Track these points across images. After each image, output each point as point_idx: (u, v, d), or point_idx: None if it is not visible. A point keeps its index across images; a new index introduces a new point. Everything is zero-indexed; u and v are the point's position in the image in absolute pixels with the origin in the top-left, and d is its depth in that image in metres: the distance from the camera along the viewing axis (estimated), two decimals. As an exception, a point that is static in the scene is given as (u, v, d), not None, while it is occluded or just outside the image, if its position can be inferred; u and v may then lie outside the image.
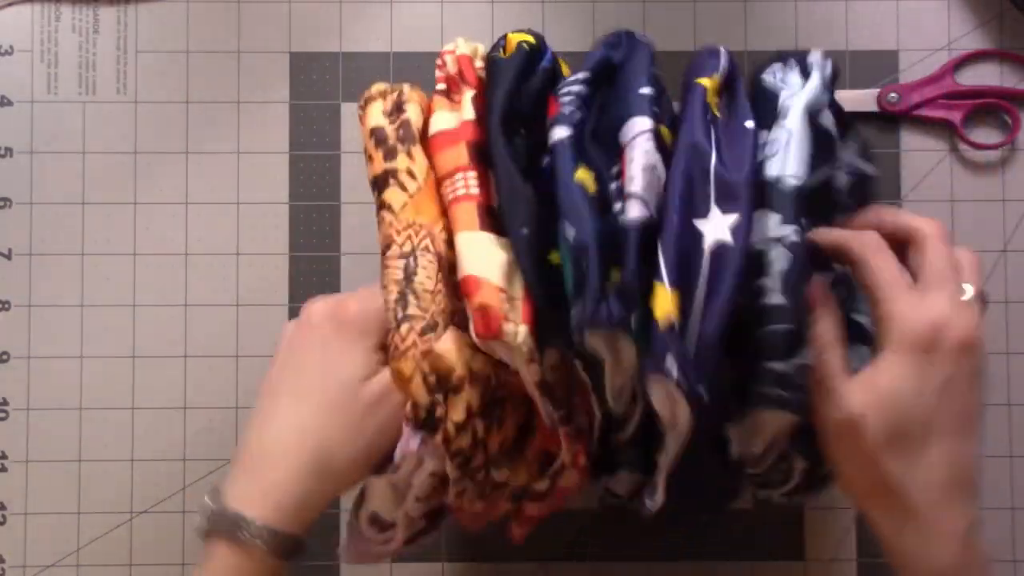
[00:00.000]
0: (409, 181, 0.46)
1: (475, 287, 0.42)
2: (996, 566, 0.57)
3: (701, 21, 0.60)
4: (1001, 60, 0.60)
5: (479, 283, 0.42)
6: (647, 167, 0.42)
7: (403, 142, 0.47)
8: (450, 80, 0.48)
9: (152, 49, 0.60)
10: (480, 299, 0.42)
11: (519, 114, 0.46)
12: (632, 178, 0.42)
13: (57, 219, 0.60)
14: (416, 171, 0.46)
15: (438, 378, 0.44)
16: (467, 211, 0.44)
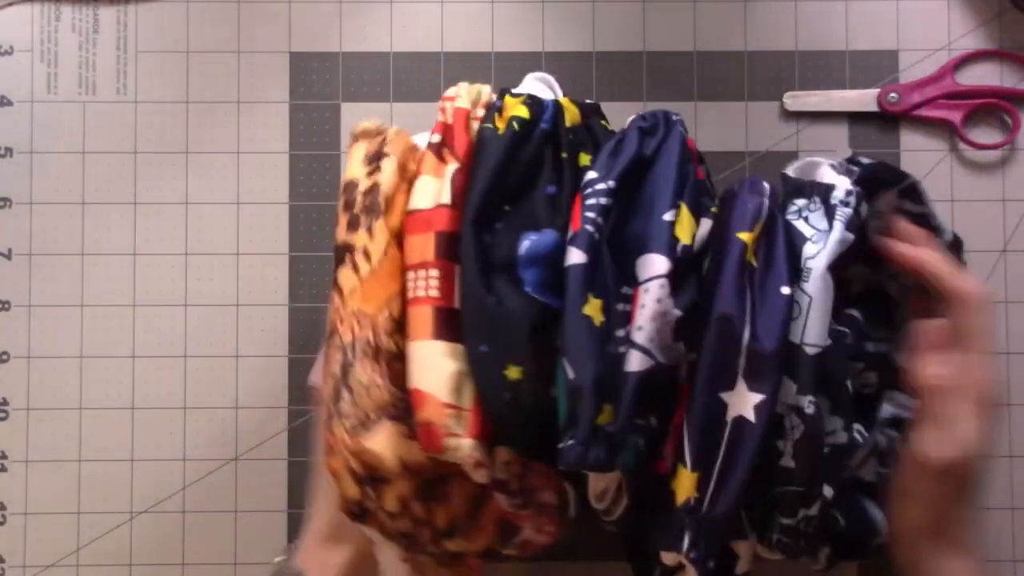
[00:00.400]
0: (363, 263, 0.45)
1: (420, 401, 0.43)
2: (996, 566, 0.58)
3: (701, 21, 0.60)
4: (1001, 60, 0.60)
5: (424, 398, 0.43)
6: (657, 316, 0.42)
7: (367, 213, 0.46)
8: (446, 132, 0.47)
9: (152, 49, 0.60)
10: (424, 415, 0.43)
11: (505, 191, 0.45)
12: (640, 327, 0.42)
13: (57, 219, 0.60)
14: (372, 251, 0.45)
15: (367, 472, 0.44)
16: (423, 317, 0.44)
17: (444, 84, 0.60)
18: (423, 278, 0.44)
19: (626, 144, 0.46)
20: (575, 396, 0.42)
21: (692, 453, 0.42)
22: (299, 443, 0.59)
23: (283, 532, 0.58)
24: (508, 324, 0.43)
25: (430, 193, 0.46)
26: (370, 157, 0.47)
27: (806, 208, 0.47)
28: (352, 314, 0.45)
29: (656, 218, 0.44)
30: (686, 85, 0.60)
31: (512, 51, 0.60)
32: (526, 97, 0.47)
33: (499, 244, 0.44)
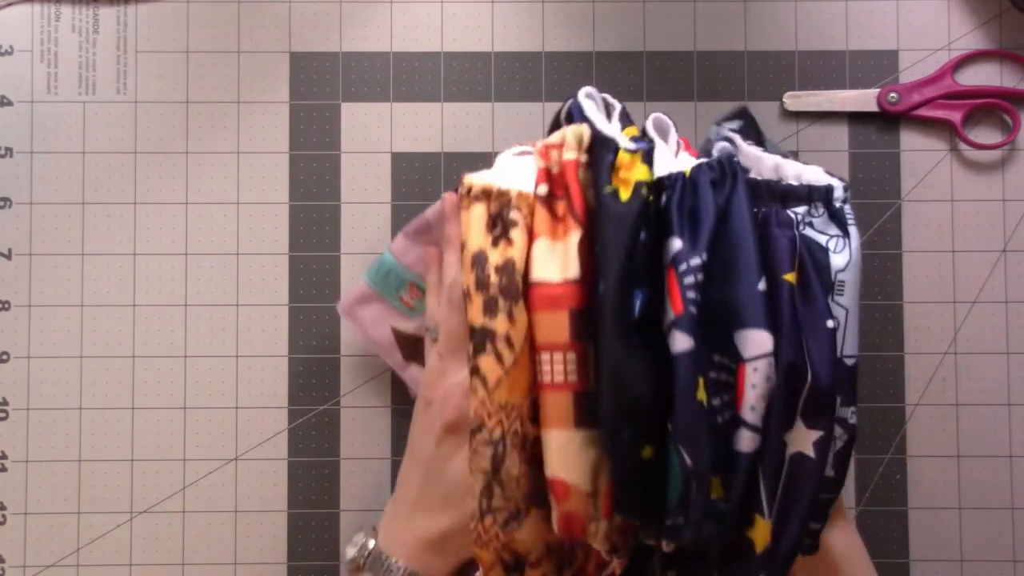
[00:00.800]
0: (506, 351, 0.44)
1: (563, 493, 0.43)
2: (996, 566, 0.58)
3: (701, 21, 0.60)
4: (1001, 60, 0.60)
5: (567, 489, 0.43)
6: (767, 393, 0.42)
7: (505, 295, 0.44)
8: (553, 182, 0.45)
9: (152, 49, 0.60)
10: (568, 506, 0.43)
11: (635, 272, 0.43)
12: (753, 408, 0.42)
13: (57, 219, 0.60)
14: (514, 338, 0.44)
15: (516, 560, 0.45)
16: (562, 404, 0.43)
17: (444, 84, 0.60)
18: (560, 362, 0.43)
19: (702, 202, 0.44)
20: (690, 480, 0.42)
21: (768, 500, 0.42)
22: (299, 443, 0.59)
23: (283, 532, 0.58)
24: (645, 405, 0.42)
25: (555, 264, 0.44)
26: (492, 221, 0.45)
27: (808, 215, 0.47)
28: (500, 407, 0.44)
29: (748, 287, 0.42)
30: (686, 85, 0.60)
31: (512, 51, 0.60)
32: (643, 155, 0.45)
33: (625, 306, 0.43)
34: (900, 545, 0.58)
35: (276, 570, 0.58)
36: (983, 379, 0.59)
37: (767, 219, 0.44)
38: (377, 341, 0.56)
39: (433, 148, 0.60)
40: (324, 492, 0.59)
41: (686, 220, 0.43)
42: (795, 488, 0.43)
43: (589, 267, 0.43)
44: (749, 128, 0.54)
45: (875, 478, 0.58)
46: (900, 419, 0.59)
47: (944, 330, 0.59)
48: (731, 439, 0.42)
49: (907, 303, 0.59)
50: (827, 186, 0.46)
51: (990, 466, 0.58)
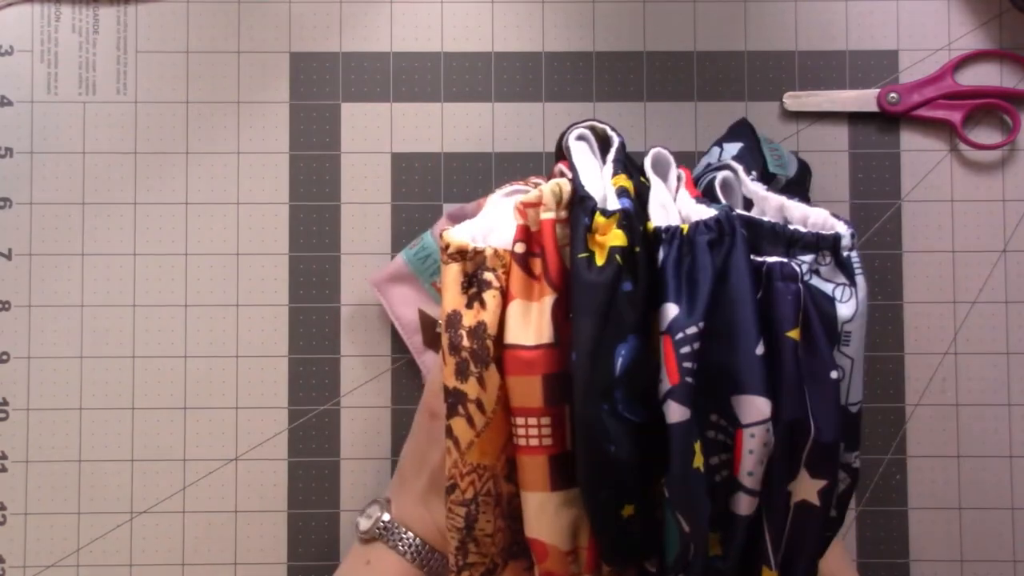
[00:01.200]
0: (477, 415, 0.44)
1: (543, 553, 0.44)
2: (996, 566, 0.58)
3: (701, 21, 0.60)
4: (1001, 60, 0.60)
5: (546, 549, 0.44)
6: (765, 458, 0.41)
7: (476, 361, 0.44)
8: (530, 240, 0.45)
9: (152, 49, 0.60)
10: (547, 567, 0.44)
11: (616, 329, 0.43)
12: (751, 473, 0.41)
13: (57, 219, 0.60)
14: (485, 402, 0.44)
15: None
16: (538, 467, 0.43)
17: (444, 84, 0.60)
18: (534, 426, 0.43)
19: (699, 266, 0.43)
20: (688, 543, 0.42)
21: (774, 552, 0.42)
22: (299, 443, 0.59)
23: (283, 532, 0.58)
24: (624, 469, 0.42)
25: (529, 326, 0.44)
26: (468, 281, 0.45)
27: (815, 263, 0.46)
28: (472, 469, 0.45)
29: (746, 351, 0.42)
30: (686, 85, 0.60)
31: (512, 51, 0.60)
32: (620, 217, 0.44)
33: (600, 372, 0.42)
34: (900, 545, 0.58)
35: (276, 570, 0.58)
36: (983, 379, 0.59)
37: (771, 273, 0.43)
38: (401, 320, 0.56)
39: (433, 148, 0.60)
40: (324, 492, 0.59)
41: (683, 284, 0.43)
42: (800, 535, 0.43)
43: (564, 331, 0.43)
44: (751, 147, 0.54)
45: (875, 478, 0.58)
46: (900, 419, 0.59)
47: (944, 330, 0.59)
48: (728, 500, 0.42)
49: (907, 303, 0.59)
50: (835, 235, 0.45)
51: (990, 466, 0.58)
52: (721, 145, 0.55)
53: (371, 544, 0.49)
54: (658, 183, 0.47)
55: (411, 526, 0.49)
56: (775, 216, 0.48)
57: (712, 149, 0.55)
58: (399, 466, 0.51)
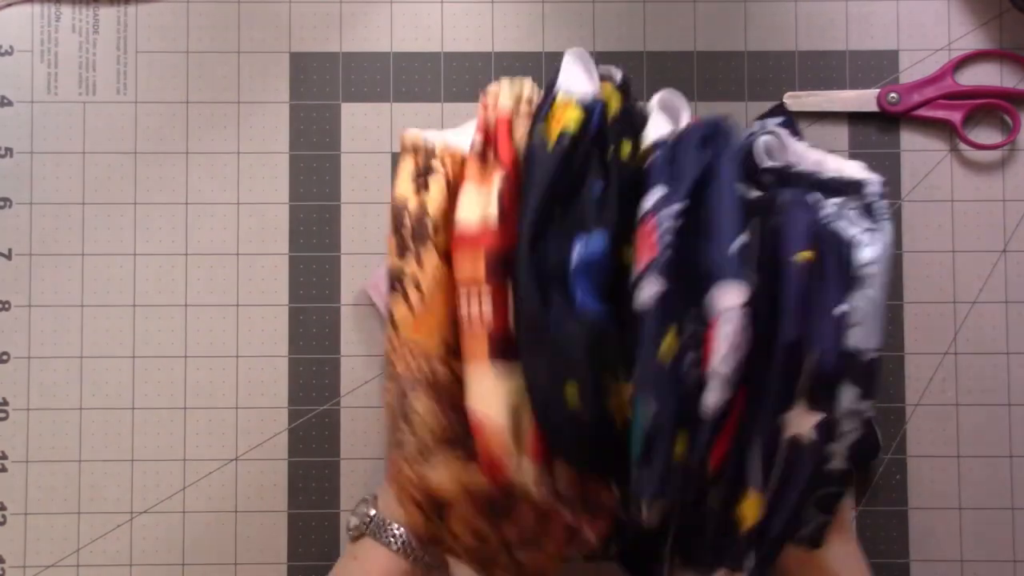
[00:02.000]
0: (413, 292, 0.45)
1: (479, 429, 0.43)
2: (996, 566, 0.58)
3: (701, 21, 0.60)
4: (1001, 60, 0.60)
5: (483, 426, 0.43)
6: (737, 346, 0.41)
7: (416, 239, 0.45)
8: (488, 136, 0.46)
9: (152, 49, 0.60)
10: (484, 443, 0.43)
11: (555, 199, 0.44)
12: (723, 357, 0.41)
13: (57, 219, 0.60)
14: (422, 280, 0.45)
15: (429, 501, 0.45)
16: (477, 338, 0.44)
17: (444, 84, 0.60)
18: (475, 295, 0.44)
19: (687, 154, 0.44)
20: (653, 433, 0.41)
21: (763, 475, 0.42)
22: (299, 443, 0.59)
23: (283, 532, 0.58)
24: (566, 344, 0.42)
25: (477, 206, 0.45)
26: (418, 172, 0.47)
27: (843, 207, 0.46)
28: (405, 345, 0.45)
29: (726, 244, 0.42)
30: (686, 85, 0.60)
31: (512, 51, 0.60)
32: (575, 104, 0.45)
33: (551, 253, 0.43)
34: (900, 545, 0.58)
35: (276, 570, 0.58)
36: (983, 379, 0.59)
37: (787, 199, 0.44)
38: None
39: (433, 148, 0.60)
40: (324, 492, 0.59)
41: (671, 172, 0.44)
42: (792, 470, 0.42)
43: (510, 208, 0.44)
44: (789, 122, 0.54)
45: (875, 478, 0.58)
46: (900, 419, 0.59)
47: (944, 330, 0.59)
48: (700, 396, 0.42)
49: (907, 303, 0.59)
50: (860, 180, 0.46)
51: (990, 466, 0.58)
52: (763, 120, 0.55)
53: (359, 540, 0.49)
54: (659, 116, 0.48)
55: (397, 519, 0.49)
56: (812, 167, 0.48)
57: (754, 123, 0.55)
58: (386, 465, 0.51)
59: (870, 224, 0.45)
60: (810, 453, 0.42)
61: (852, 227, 0.45)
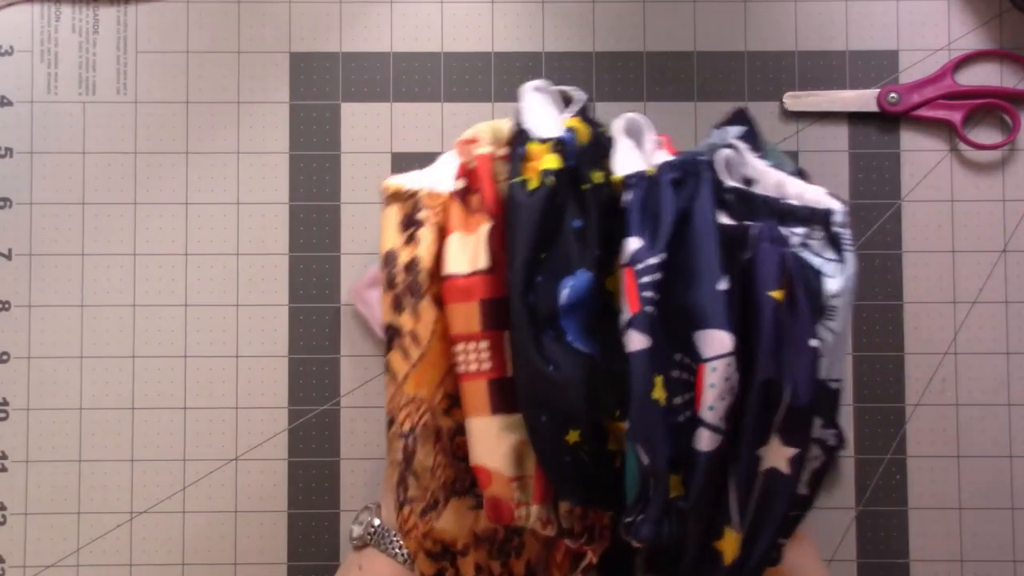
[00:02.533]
0: (412, 348, 0.45)
1: (486, 478, 0.44)
2: (996, 566, 0.58)
3: (701, 21, 0.60)
4: (1001, 60, 0.60)
5: (490, 475, 0.43)
6: (726, 393, 0.41)
7: (410, 293, 0.45)
8: (470, 178, 0.46)
9: (152, 49, 0.60)
10: (491, 492, 0.44)
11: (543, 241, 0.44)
12: (712, 407, 0.41)
13: (57, 219, 0.60)
14: (420, 335, 0.45)
15: (443, 549, 0.46)
16: (477, 392, 0.44)
17: (444, 84, 0.60)
18: (473, 351, 0.44)
19: (663, 202, 0.44)
20: (648, 478, 0.42)
21: (740, 514, 0.42)
22: (299, 443, 0.59)
23: (283, 532, 0.58)
24: (565, 391, 0.42)
25: (465, 255, 0.45)
26: (405, 222, 0.46)
27: (807, 237, 0.46)
28: (408, 401, 0.45)
29: (708, 288, 0.42)
30: (686, 85, 0.60)
31: (512, 51, 0.60)
32: (553, 143, 0.45)
33: (541, 298, 0.43)
34: (900, 545, 0.58)
35: (276, 570, 0.58)
36: (983, 379, 0.59)
37: (760, 234, 0.44)
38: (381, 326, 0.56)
39: (433, 148, 0.60)
40: (324, 492, 0.59)
41: (647, 220, 0.44)
42: (768, 504, 0.43)
43: (501, 258, 0.44)
44: (750, 133, 0.54)
45: (875, 478, 0.58)
46: (900, 419, 0.59)
47: (944, 330, 0.59)
48: (691, 439, 0.42)
49: (907, 303, 0.59)
50: (826, 210, 0.46)
51: (990, 466, 0.58)
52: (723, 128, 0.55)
53: (363, 550, 0.49)
54: (625, 143, 0.47)
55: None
56: (773, 191, 0.48)
57: (713, 132, 0.56)
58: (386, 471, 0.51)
59: (833, 255, 0.45)
60: (785, 486, 0.42)
61: (816, 258, 0.46)
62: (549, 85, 0.50)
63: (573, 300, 0.43)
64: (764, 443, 0.42)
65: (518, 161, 0.45)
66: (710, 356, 0.41)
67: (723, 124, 0.56)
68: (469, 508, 0.46)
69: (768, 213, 0.47)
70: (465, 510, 0.46)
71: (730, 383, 0.41)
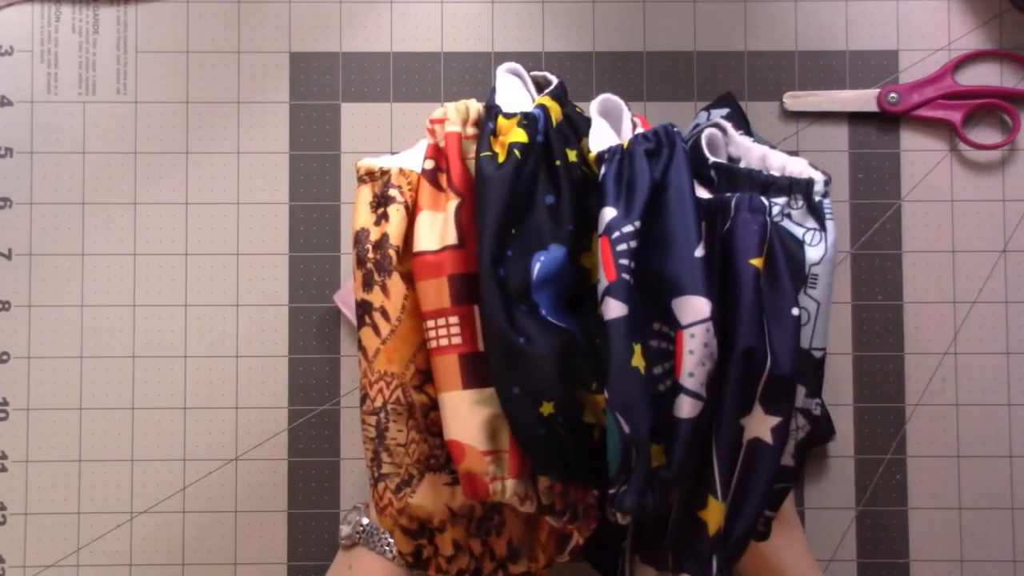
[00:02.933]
0: (382, 323, 0.45)
1: (460, 453, 0.43)
2: (996, 566, 0.58)
3: (701, 21, 0.60)
4: (1001, 60, 0.60)
5: (463, 449, 0.43)
6: (705, 359, 0.41)
7: (379, 269, 0.45)
8: (438, 157, 0.46)
9: (152, 49, 0.60)
10: (465, 466, 0.43)
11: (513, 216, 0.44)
12: (692, 374, 0.41)
13: (57, 219, 0.60)
14: (390, 310, 0.45)
15: (420, 526, 0.46)
16: (449, 367, 0.44)
17: (444, 84, 0.60)
18: (443, 326, 0.44)
19: (637, 172, 0.44)
20: (629, 448, 0.41)
21: (723, 484, 0.42)
22: (299, 443, 0.59)
23: (283, 532, 0.58)
24: (537, 363, 0.42)
25: (434, 233, 0.45)
26: (376, 201, 0.47)
27: (787, 206, 0.47)
28: (379, 377, 0.45)
29: (685, 255, 0.42)
30: (686, 85, 0.60)
31: (512, 51, 0.60)
32: (520, 117, 0.45)
33: (512, 272, 0.43)
34: (900, 545, 0.58)
35: (276, 570, 0.58)
36: (983, 379, 0.59)
37: (739, 204, 0.44)
38: None
39: (433, 148, 0.60)
40: (324, 492, 0.59)
41: (622, 190, 0.44)
42: (752, 473, 0.43)
43: (469, 234, 0.44)
44: (736, 115, 0.54)
45: (875, 478, 0.58)
46: (900, 419, 0.59)
47: (944, 330, 0.59)
48: (672, 407, 0.42)
49: (907, 303, 0.59)
50: (808, 179, 0.46)
51: (990, 466, 0.58)
52: (708, 111, 0.55)
53: (352, 549, 0.49)
54: (601, 123, 0.48)
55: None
56: (757, 165, 0.48)
57: (700, 114, 0.56)
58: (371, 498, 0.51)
59: (814, 224, 0.46)
60: (770, 456, 0.42)
61: (797, 227, 0.46)
62: (521, 69, 0.50)
63: (545, 275, 0.43)
64: (747, 412, 0.42)
65: (487, 136, 0.45)
66: (688, 323, 0.41)
67: (709, 106, 0.56)
68: (445, 484, 0.46)
69: (750, 185, 0.47)
70: (440, 486, 0.46)
71: (709, 349, 0.41)
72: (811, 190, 0.46)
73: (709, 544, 0.43)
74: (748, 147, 0.50)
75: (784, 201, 0.47)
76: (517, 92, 0.49)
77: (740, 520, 0.43)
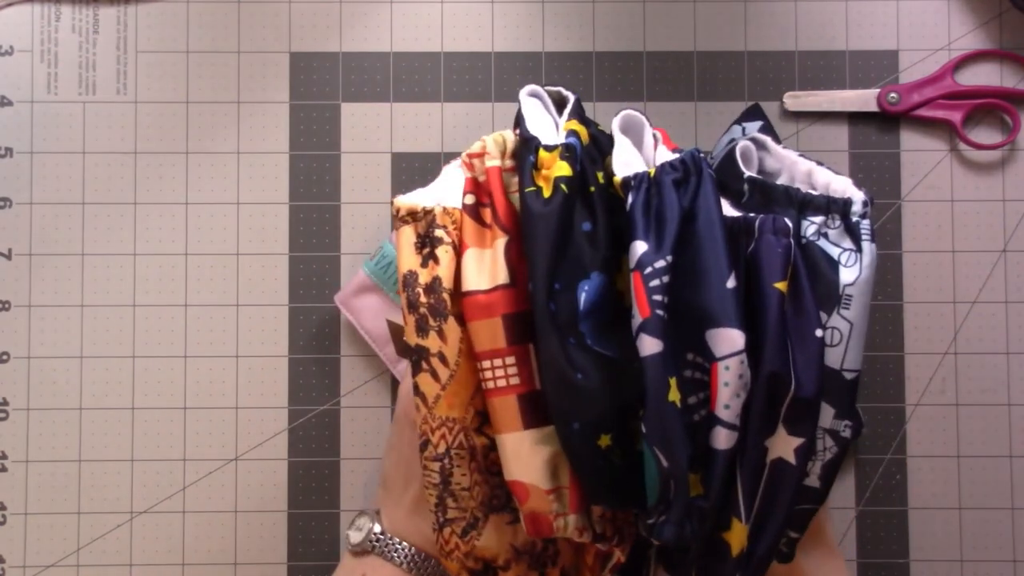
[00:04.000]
0: (440, 368, 0.45)
1: (523, 494, 0.44)
2: (996, 566, 0.58)
3: (701, 21, 0.60)
4: (1001, 60, 0.60)
5: (527, 489, 0.43)
6: (740, 390, 0.42)
7: (434, 314, 0.45)
8: (479, 191, 0.46)
9: (152, 49, 0.60)
10: (530, 506, 0.44)
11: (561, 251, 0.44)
12: (727, 406, 0.41)
13: (57, 219, 0.60)
14: (448, 355, 0.45)
15: (484, 566, 0.46)
16: (507, 408, 0.44)
17: (444, 84, 0.60)
18: (500, 367, 0.44)
19: (666, 204, 0.44)
20: (668, 480, 0.42)
21: (746, 504, 0.43)
22: (299, 443, 0.59)
23: (283, 532, 0.58)
24: (593, 397, 0.42)
25: (484, 271, 0.44)
26: (421, 242, 0.46)
27: (824, 225, 0.46)
28: (441, 423, 0.45)
29: (717, 287, 0.42)
30: (686, 85, 0.60)
31: (512, 51, 0.60)
32: (562, 150, 0.45)
33: (561, 306, 0.43)
34: (900, 545, 0.58)
35: (276, 570, 0.58)
36: (983, 379, 0.59)
37: (763, 225, 0.44)
38: (372, 334, 0.56)
39: (433, 148, 0.60)
40: (324, 492, 0.59)
41: (652, 222, 0.43)
42: (774, 494, 0.43)
43: (520, 271, 0.44)
44: (767, 128, 0.54)
45: (875, 478, 0.58)
46: (900, 419, 0.59)
47: (944, 330, 0.59)
48: (708, 437, 0.42)
49: (907, 303, 0.59)
50: (845, 199, 0.46)
51: (990, 466, 0.58)
52: (742, 124, 0.55)
53: (364, 557, 0.49)
54: (623, 141, 0.47)
55: (405, 537, 0.49)
56: (803, 180, 0.48)
57: (733, 127, 0.56)
58: (382, 477, 0.51)
59: (851, 244, 0.46)
60: (792, 476, 0.42)
61: (832, 247, 0.46)
62: (541, 89, 0.50)
63: (590, 305, 0.43)
64: (771, 434, 0.42)
65: (529, 170, 0.45)
66: (723, 355, 0.41)
67: (739, 120, 0.56)
68: (507, 523, 0.46)
69: (787, 202, 0.47)
70: (503, 525, 0.46)
71: (743, 380, 0.41)
72: (848, 210, 0.46)
73: (732, 566, 0.43)
74: (794, 160, 0.49)
75: (821, 220, 0.46)
76: (541, 116, 0.49)
77: (762, 540, 0.43)
